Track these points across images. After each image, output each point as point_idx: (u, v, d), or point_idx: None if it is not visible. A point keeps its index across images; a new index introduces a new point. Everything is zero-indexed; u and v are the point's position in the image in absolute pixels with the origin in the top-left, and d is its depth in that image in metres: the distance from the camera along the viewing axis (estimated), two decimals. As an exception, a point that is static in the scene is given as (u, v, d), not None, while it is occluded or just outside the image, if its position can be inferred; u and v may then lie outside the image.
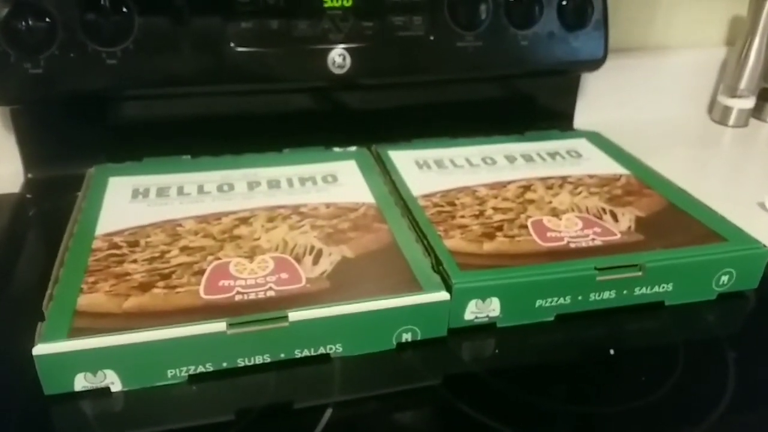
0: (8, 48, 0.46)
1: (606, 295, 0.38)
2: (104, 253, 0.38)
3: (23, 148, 0.52)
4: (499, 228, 0.42)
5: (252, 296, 0.35)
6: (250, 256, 0.38)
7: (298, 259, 0.38)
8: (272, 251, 0.39)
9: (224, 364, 0.34)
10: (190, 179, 0.47)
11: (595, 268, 0.38)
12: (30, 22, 0.45)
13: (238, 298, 0.35)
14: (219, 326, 0.33)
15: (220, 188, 0.46)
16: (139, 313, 0.34)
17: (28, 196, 0.51)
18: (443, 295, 0.35)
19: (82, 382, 0.32)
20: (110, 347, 0.32)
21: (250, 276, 0.36)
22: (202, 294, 0.35)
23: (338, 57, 0.52)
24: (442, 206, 0.44)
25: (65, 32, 0.46)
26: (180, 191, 0.46)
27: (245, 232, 0.41)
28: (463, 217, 0.43)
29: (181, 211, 0.43)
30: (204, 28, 0.49)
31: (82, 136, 0.52)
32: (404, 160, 0.51)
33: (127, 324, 0.32)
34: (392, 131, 0.54)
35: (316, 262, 0.38)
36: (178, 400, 0.33)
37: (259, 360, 0.34)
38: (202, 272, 0.37)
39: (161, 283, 0.36)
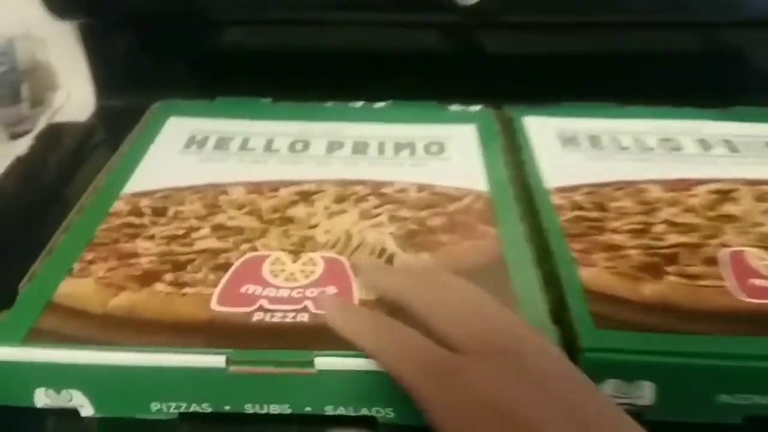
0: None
1: None
2: (120, 220, 0.30)
3: (94, 73, 0.45)
4: (673, 259, 0.27)
5: (278, 317, 0.24)
6: (297, 251, 0.28)
7: (358, 267, 0.27)
8: (327, 248, 0.28)
9: (227, 408, 0.24)
10: (260, 129, 0.37)
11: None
12: None
13: (257, 317, 0.24)
14: (217, 360, 0.23)
15: (292, 147, 0.36)
16: (123, 318, 0.25)
17: (96, 124, 0.45)
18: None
19: (43, 399, 0.24)
20: (74, 364, 0.23)
21: (286, 283, 0.26)
22: (213, 303, 0.25)
23: (469, -19, 0.38)
24: (586, 210, 0.30)
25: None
26: (243, 145, 0.36)
27: (302, 214, 0.30)
28: (616, 231, 0.29)
29: (235, 172, 0.34)
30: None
31: (155, 63, 0.44)
32: (544, 129, 0.37)
33: (102, 333, 0.24)
34: (534, 89, 0.40)
35: (381, 275, 0.26)
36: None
37: (275, 409, 0.24)
38: (226, 267, 0.27)
39: (169, 276, 0.26)
